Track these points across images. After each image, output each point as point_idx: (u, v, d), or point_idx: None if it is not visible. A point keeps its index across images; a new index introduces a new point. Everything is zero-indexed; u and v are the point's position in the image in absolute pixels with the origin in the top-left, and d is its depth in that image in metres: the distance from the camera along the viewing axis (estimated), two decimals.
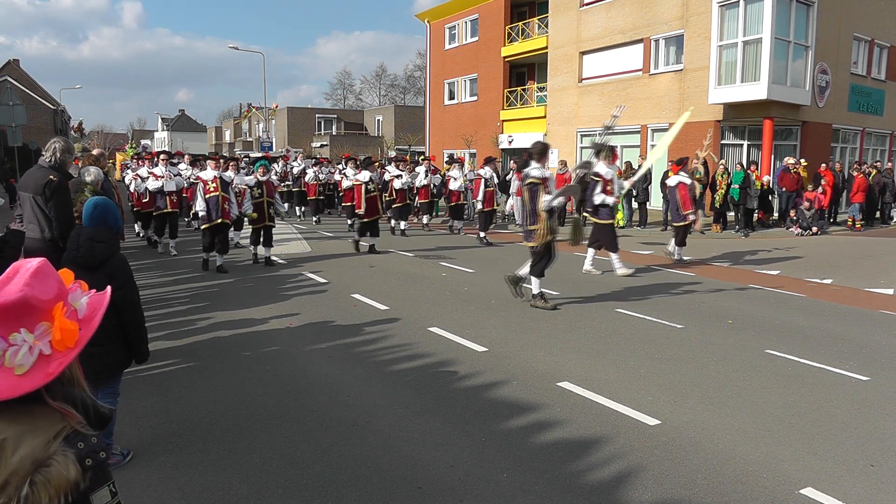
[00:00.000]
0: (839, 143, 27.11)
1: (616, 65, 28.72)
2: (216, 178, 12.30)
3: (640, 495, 4.40)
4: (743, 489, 4.48)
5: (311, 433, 5.32)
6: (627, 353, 7.56)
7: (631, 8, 27.74)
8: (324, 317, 9.07)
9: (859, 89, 27.16)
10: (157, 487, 4.48)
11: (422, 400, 6.06)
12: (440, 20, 40.81)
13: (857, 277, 12.71)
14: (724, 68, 23.44)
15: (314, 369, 6.93)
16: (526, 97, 35.68)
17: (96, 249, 4.52)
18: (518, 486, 4.50)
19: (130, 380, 5.96)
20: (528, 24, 34.89)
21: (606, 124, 11.78)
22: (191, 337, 8.05)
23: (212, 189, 12.22)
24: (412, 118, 56.46)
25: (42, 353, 1.55)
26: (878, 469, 4.81)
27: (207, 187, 12.24)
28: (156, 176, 14.67)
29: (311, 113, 65.96)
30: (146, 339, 4.80)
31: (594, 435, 5.32)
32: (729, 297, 10.82)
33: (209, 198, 12.19)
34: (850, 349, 7.89)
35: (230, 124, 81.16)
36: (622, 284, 11.59)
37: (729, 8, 23.21)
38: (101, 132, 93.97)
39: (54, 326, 1.56)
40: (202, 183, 12.39)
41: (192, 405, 5.93)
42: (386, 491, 4.44)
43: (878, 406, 6.06)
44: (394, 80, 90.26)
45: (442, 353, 7.46)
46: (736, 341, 8.14)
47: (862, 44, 27.21)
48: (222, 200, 12.24)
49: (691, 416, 5.74)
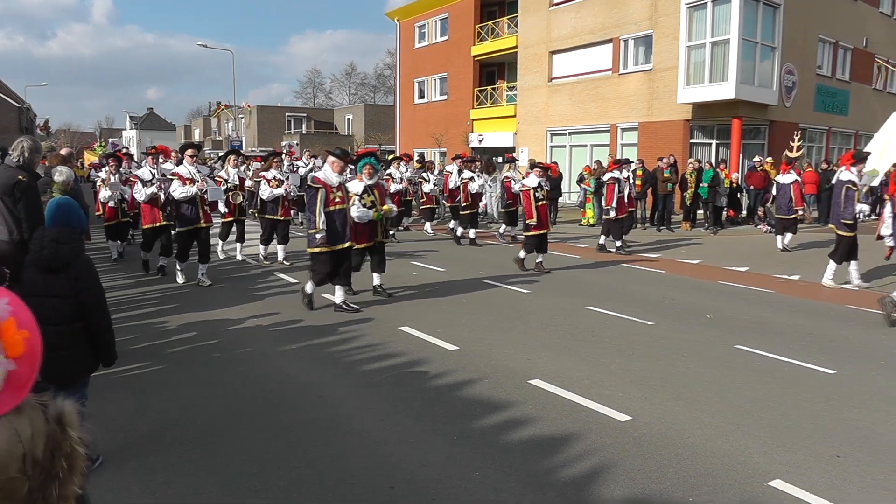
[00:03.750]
0: (806, 142, 27.42)
1: (586, 64, 28.90)
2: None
3: (612, 490, 4.42)
4: (713, 482, 4.52)
5: (284, 434, 5.27)
6: (598, 350, 7.59)
7: (600, 8, 27.92)
8: (296, 317, 9.01)
9: (825, 90, 27.60)
10: (129, 492, 4.41)
11: (394, 399, 6.04)
12: (410, 19, 40.76)
13: (823, 273, 12.84)
14: (692, 68, 23.69)
15: (287, 370, 6.87)
16: (496, 96, 35.77)
17: (60, 251, 4.41)
18: (490, 483, 4.50)
19: (100, 383, 5.85)
20: (497, 23, 34.95)
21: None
22: (161, 339, 7.95)
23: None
24: (382, 117, 56.19)
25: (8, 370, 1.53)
26: (843, 460, 4.88)
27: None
28: (142, 181, 11.46)
29: (280, 112, 65.44)
30: (113, 342, 4.71)
31: (566, 431, 5.33)
32: (699, 293, 10.92)
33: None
34: (817, 343, 8.00)
35: (200, 123, 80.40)
36: (592, 282, 11.65)
37: (697, 9, 23.46)
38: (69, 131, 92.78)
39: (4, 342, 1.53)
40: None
41: (163, 408, 5.85)
42: (359, 491, 4.41)
43: (844, 398, 6.15)
44: (364, 78, 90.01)
45: (414, 352, 7.45)
46: (706, 337, 8.22)
47: (827, 45, 27.67)
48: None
49: (662, 412, 5.78)
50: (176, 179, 10.62)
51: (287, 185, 13.11)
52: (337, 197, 9.17)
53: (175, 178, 10.68)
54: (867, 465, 4.81)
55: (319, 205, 8.95)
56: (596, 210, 21.49)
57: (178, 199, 10.60)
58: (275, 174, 13.18)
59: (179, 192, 10.54)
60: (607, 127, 27.87)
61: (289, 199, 13.49)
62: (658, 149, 23.79)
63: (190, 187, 10.55)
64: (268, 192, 12.94)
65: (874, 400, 6.15)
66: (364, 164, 9.78)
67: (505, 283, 11.34)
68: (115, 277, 11.72)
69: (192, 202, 10.66)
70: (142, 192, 11.37)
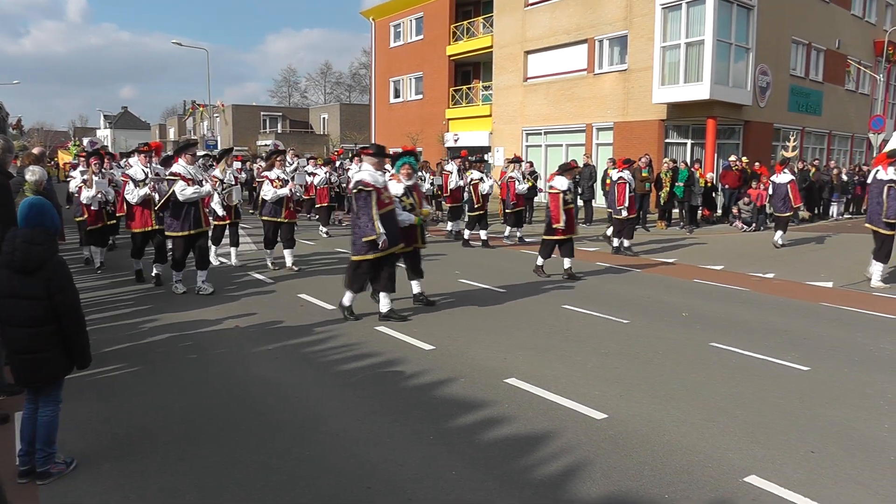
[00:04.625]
0: (780, 141, 27.74)
1: (561, 64, 29.02)
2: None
3: (588, 488, 4.42)
4: (689, 479, 4.54)
5: (260, 436, 5.23)
6: (575, 349, 7.61)
7: (575, 9, 28.04)
8: (271, 317, 8.94)
9: (798, 90, 27.91)
10: (103, 497, 4.34)
11: (370, 400, 6.01)
12: (385, 18, 40.70)
13: (797, 271, 13.01)
14: (667, 69, 23.85)
15: (262, 371, 6.82)
16: (471, 96, 35.83)
17: (33, 252, 4.34)
18: (467, 483, 4.49)
19: (73, 386, 5.77)
20: (472, 23, 35.04)
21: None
22: (136, 340, 7.85)
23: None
24: (358, 116, 56.06)
25: None
26: (817, 455, 4.92)
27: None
28: (133, 181, 10.82)
29: (256, 111, 65.05)
30: (87, 344, 4.64)
31: (542, 430, 5.33)
32: (674, 291, 10.98)
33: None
34: (791, 341, 8.07)
35: (174, 122, 79.74)
36: (569, 281, 11.66)
37: (671, 10, 23.61)
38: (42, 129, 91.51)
39: None
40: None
41: (138, 410, 5.78)
42: (336, 492, 4.39)
43: (818, 395, 6.21)
44: (339, 77, 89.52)
45: (390, 352, 7.42)
46: (681, 335, 8.26)
47: (800, 47, 28.00)
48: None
49: (638, 410, 5.80)
50: (179, 180, 9.84)
51: (292, 186, 12.42)
52: (386, 198, 8.67)
53: (177, 178, 9.88)
54: (841, 459, 4.86)
55: (374, 209, 8.38)
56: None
57: (182, 202, 9.86)
58: (278, 174, 12.40)
59: (190, 192, 9.80)
60: (583, 127, 28.00)
61: (293, 199, 12.74)
62: (633, 148, 23.92)
63: (201, 188, 10.00)
64: (271, 193, 12.19)
65: (848, 396, 6.21)
66: (402, 164, 9.29)
67: (484, 283, 11.33)
68: (89, 279, 11.57)
69: (193, 204, 9.96)
70: (134, 192, 10.67)
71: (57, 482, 4.47)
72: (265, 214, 12.47)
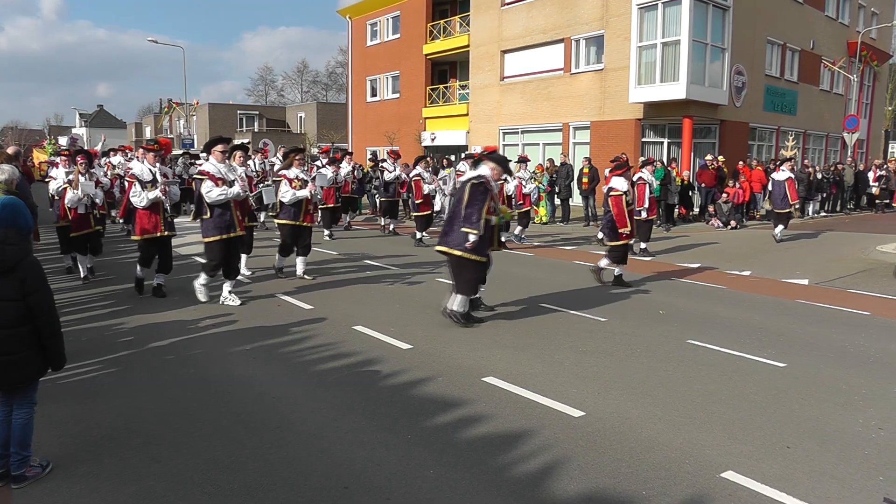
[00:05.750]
0: (756, 140, 28.10)
1: (537, 64, 29.10)
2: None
3: (566, 486, 4.41)
4: (666, 475, 4.54)
5: (237, 436, 5.17)
6: (552, 347, 7.60)
7: (551, 8, 28.12)
8: (248, 317, 8.86)
9: (774, 90, 28.18)
10: (78, 500, 4.27)
11: (347, 399, 5.96)
12: (362, 16, 40.56)
13: (774, 269, 13.12)
14: (643, 68, 23.98)
15: (239, 371, 6.75)
16: (448, 95, 35.84)
17: (6, 252, 4.26)
18: (445, 482, 4.46)
19: (49, 387, 5.69)
20: (449, 22, 35.04)
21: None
22: (112, 341, 7.74)
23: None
24: (334, 115, 55.79)
25: None
26: (793, 450, 4.96)
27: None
28: (140, 182, 9.75)
29: (232, 109, 64.54)
30: (62, 346, 4.57)
31: (520, 428, 5.32)
32: (651, 289, 11.02)
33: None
34: (768, 338, 8.12)
35: (150, 120, 78.93)
36: (543, 279, 11.68)
37: (648, 10, 23.74)
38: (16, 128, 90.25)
39: None
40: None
41: (113, 412, 5.69)
42: (313, 492, 4.34)
43: (794, 391, 6.25)
44: (315, 76, 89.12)
45: (367, 351, 7.37)
46: (659, 333, 8.29)
47: (775, 47, 28.27)
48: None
49: (615, 407, 5.80)
50: (207, 180, 9.08)
51: (312, 187, 11.24)
52: (492, 206, 8.41)
53: (206, 177, 9.11)
54: (816, 454, 4.89)
55: (486, 209, 8.19)
56: (549, 208, 21.63)
57: (214, 204, 9.13)
58: (297, 173, 11.26)
59: (216, 194, 9.04)
60: (559, 126, 28.10)
61: (313, 202, 11.51)
62: (610, 147, 24.05)
63: (231, 189, 9.13)
64: (290, 195, 11.04)
65: (823, 392, 6.26)
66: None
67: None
68: (64, 279, 11.41)
69: (226, 207, 9.24)
70: (142, 195, 9.62)
71: (32, 486, 4.39)
72: (283, 218, 11.27)
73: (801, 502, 4.23)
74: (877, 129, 39.70)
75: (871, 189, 26.74)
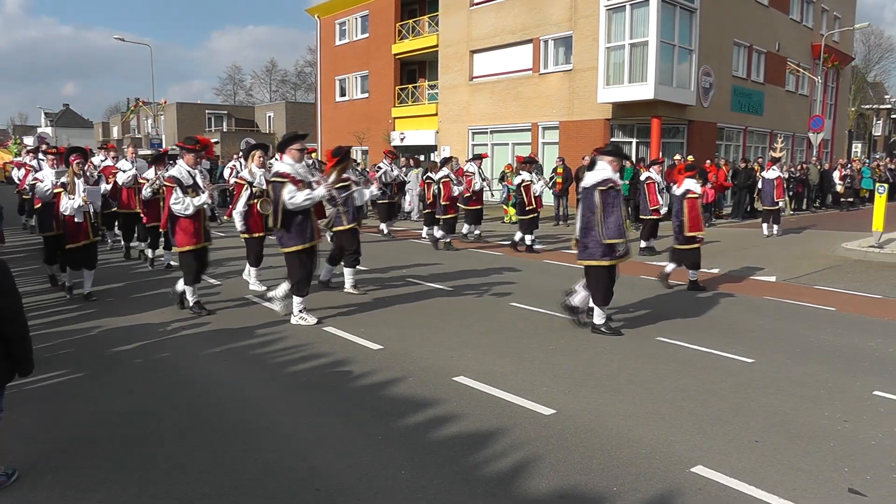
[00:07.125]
0: (724, 140, 28.46)
1: (506, 64, 29.22)
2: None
3: (538, 483, 4.41)
4: (637, 471, 4.56)
5: (207, 440, 5.10)
6: (522, 346, 7.61)
7: (520, 9, 28.24)
8: (217, 319, 8.76)
9: (741, 91, 28.56)
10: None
11: (318, 401, 5.92)
12: (331, 16, 40.36)
13: (742, 266, 13.25)
14: (612, 69, 24.16)
15: (209, 374, 6.67)
16: (417, 95, 35.82)
17: None
18: (417, 482, 4.44)
19: (15, 394, 5.56)
20: (418, 21, 35.01)
21: None
22: (81, 346, 7.61)
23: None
24: (303, 115, 55.40)
25: None
26: (761, 444, 5.00)
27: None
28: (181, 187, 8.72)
29: (201, 109, 63.71)
30: (31, 350, 4.40)
31: (491, 427, 5.31)
32: (620, 287, 11.00)
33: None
34: (736, 334, 8.20)
35: (118, 120, 77.92)
36: (513, 278, 11.69)
37: (616, 11, 23.92)
38: None
39: None
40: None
41: (82, 418, 5.58)
42: (284, 494, 4.30)
43: (762, 386, 6.32)
44: (284, 75, 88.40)
45: (337, 352, 7.32)
46: (627, 330, 8.33)
47: (742, 49, 28.65)
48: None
49: (585, 404, 5.82)
50: (288, 182, 8.10)
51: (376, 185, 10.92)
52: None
53: (286, 179, 8.11)
54: (784, 448, 4.94)
55: (623, 212, 7.87)
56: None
57: (298, 209, 8.15)
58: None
59: (301, 198, 8.05)
60: (528, 126, 28.24)
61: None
62: (579, 147, 24.15)
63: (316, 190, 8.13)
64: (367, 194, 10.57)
65: (790, 387, 6.33)
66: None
67: (435, 284, 11.28)
68: (31, 281, 11.18)
69: (307, 212, 8.31)
70: (187, 202, 8.63)
71: None
72: (339, 224, 10.33)
73: (770, 495, 4.26)
74: (841, 130, 40.42)
75: (836, 187, 27.22)
